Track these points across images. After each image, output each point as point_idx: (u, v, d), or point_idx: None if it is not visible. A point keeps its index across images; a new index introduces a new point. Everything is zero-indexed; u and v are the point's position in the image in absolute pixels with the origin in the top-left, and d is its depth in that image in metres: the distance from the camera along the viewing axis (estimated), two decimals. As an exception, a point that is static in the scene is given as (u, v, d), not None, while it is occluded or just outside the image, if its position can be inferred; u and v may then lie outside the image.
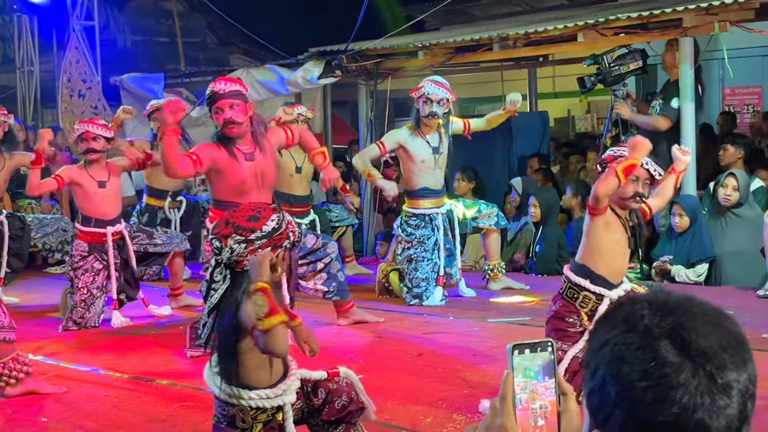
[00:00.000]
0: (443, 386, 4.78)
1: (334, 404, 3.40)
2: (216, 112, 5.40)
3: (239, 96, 5.44)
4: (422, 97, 6.94)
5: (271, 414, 3.26)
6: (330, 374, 3.43)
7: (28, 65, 12.49)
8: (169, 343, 5.96)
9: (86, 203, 6.57)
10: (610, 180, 4.06)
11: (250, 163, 5.43)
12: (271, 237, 3.18)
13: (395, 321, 6.52)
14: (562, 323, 4.29)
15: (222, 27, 17.10)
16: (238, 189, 5.40)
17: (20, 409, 4.58)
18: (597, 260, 4.27)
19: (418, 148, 7.01)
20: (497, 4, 13.85)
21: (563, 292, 4.35)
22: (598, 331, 1.38)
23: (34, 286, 8.28)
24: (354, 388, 3.45)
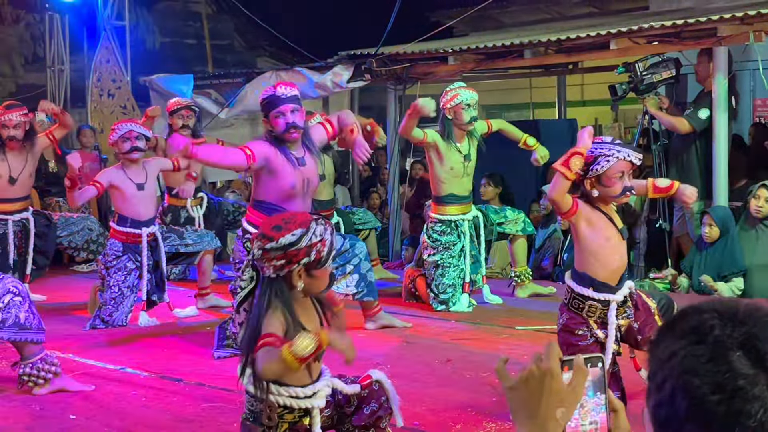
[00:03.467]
0: (472, 393, 4.74)
1: (364, 410, 3.37)
2: (276, 116, 5.29)
3: (299, 101, 5.41)
4: (460, 105, 6.89)
5: (298, 416, 3.23)
6: (363, 385, 3.39)
7: (58, 64, 12.55)
8: (196, 344, 5.96)
9: (123, 204, 6.58)
10: (556, 181, 3.94)
11: (301, 169, 5.38)
12: (286, 251, 3.09)
13: (422, 326, 6.50)
14: (572, 337, 4.19)
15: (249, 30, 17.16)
16: (287, 193, 5.33)
17: (49, 407, 4.58)
18: (593, 264, 4.12)
19: (450, 156, 6.98)
20: (526, 10, 13.83)
21: (568, 302, 4.22)
22: (662, 341, 1.34)
23: (61, 284, 8.32)
24: (384, 393, 3.42)
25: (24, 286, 4.71)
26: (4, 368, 5.24)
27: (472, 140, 7.09)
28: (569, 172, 3.90)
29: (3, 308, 4.50)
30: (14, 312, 4.53)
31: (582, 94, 15.17)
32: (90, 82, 11.52)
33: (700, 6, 9.61)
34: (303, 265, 3.10)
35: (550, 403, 1.50)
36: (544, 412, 1.50)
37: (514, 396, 1.54)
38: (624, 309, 4.21)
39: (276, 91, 5.34)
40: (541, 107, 14.12)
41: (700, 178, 7.82)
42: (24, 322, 4.57)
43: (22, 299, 4.57)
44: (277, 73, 10.53)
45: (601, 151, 3.99)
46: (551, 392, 1.50)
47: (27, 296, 4.64)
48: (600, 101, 14.48)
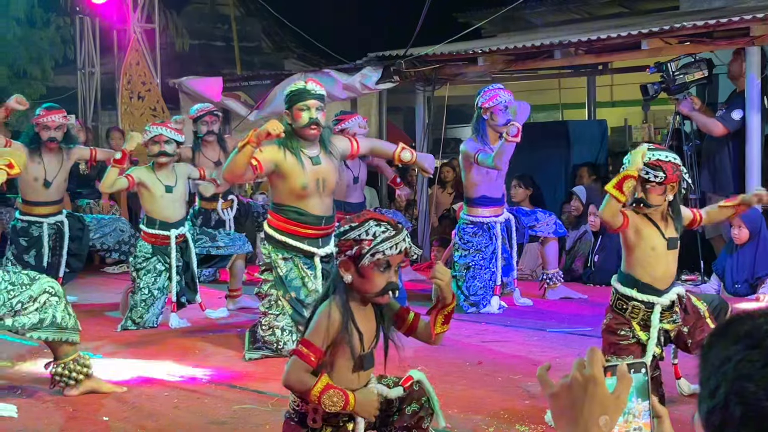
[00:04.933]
0: (504, 396, 4.72)
1: (405, 411, 3.37)
2: (301, 108, 5.31)
3: (324, 101, 5.44)
4: (498, 106, 6.85)
5: (343, 421, 3.23)
6: (405, 387, 3.39)
7: (89, 67, 12.63)
8: (227, 345, 5.98)
9: (152, 206, 6.61)
10: (608, 203, 4.00)
11: (314, 168, 5.38)
12: (339, 239, 3.18)
13: (453, 329, 6.36)
14: (614, 337, 4.20)
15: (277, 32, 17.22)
16: (299, 193, 5.36)
17: (81, 408, 4.60)
18: (638, 269, 4.17)
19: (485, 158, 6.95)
20: (555, 11, 13.77)
21: (612, 303, 4.26)
22: (714, 347, 1.31)
23: (92, 286, 8.37)
24: (424, 393, 3.42)
25: (59, 286, 4.73)
26: (37, 370, 5.27)
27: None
28: (622, 195, 3.97)
29: (40, 308, 4.53)
30: (51, 312, 4.57)
31: (612, 95, 15.08)
32: (120, 84, 11.58)
33: (731, 5, 9.52)
34: (347, 256, 3.13)
35: (593, 410, 1.48)
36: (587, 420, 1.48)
37: (556, 403, 1.52)
38: (670, 314, 4.19)
39: (306, 85, 5.38)
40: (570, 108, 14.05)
41: (733, 180, 7.74)
42: (61, 321, 4.60)
43: (58, 299, 4.60)
44: (306, 74, 10.54)
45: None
46: (594, 399, 1.48)
47: (63, 296, 4.66)
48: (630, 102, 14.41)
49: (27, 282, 4.54)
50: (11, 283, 4.47)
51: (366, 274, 3.14)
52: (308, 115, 5.31)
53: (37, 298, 4.53)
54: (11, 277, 4.51)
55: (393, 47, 9.78)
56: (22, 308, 4.48)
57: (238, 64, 15.09)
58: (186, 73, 11.92)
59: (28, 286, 4.52)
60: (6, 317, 4.45)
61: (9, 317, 4.46)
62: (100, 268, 9.47)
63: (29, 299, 4.50)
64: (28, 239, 7.15)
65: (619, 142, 14.49)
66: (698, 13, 9.26)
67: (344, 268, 3.15)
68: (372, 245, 3.12)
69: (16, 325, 4.49)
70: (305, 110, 5.32)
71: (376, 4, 15.20)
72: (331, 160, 5.52)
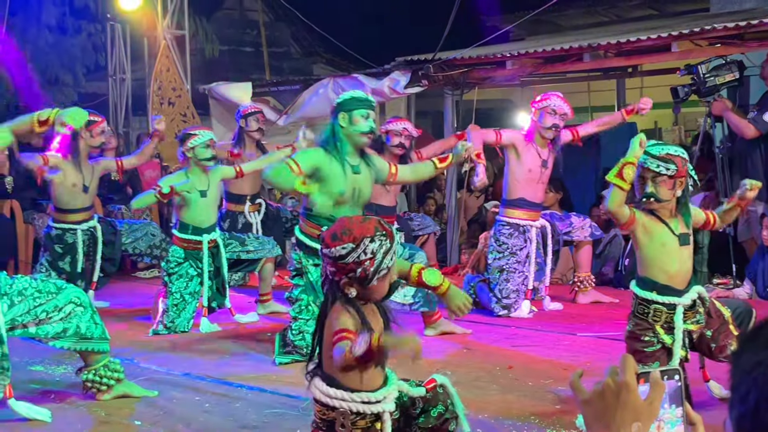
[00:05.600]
0: (535, 401, 4.71)
1: (430, 413, 3.38)
2: (363, 115, 5.37)
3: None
4: (546, 108, 6.87)
5: (370, 422, 3.23)
6: (428, 389, 3.40)
7: (120, 73, 12.74)
8: (257, 350, 6.01)
9: (186, 211, 6.66)
10: (612, 193, 3.99)
11: (353, 176, 5.42)
12: (336, 262, 3.12)
13: (483, 333, 6.46)
14: (638, 343, 4.18)
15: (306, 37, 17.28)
16: (335, 199, 5.38)
17: (114, 412, 4.64)
18: (653, 269, 4.15)
19: (529, 157, 6.97)
20: (584, 14, 13.73)
21: (634, 308, 4.24)
22: (746, 351, 1.31)
23: (123, 290, 8.43)
24: (450, 397, 3.43)
25: (86, 296, 4.76)
26: (70, 375, 5.33)
27: (553, 153, 7.05)
28: (624, 182, 3.96)
29: (64, 318, 4.56)
30: (75, 322, 4.58)
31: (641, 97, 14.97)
32: (151, 90, 11.67)
33: (762, 6, 9.45)
34: (349, 278, 3.12)
35: (625, 417, 1.48)
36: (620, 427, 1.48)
37: (589, 410, 1.52)
38: (693, 314, 4.16)
39: (369, 95, 5.53)
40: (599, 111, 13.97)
41: (765, 182, 7.67)
42: (85, 332, 4.62)
43: (83, 309, 4.62)
44: (335, 79, 10.58)
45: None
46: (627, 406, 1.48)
47: (89, 306, 4.68)
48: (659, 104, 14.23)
49: (54, 291, 4.56)
50: (38, 290, 4.50)
51: (371, 288, 3.15)
52: (368, 124, 5.38)
53: (63, 308, 4.54)
54: (39, 285, 4.54)
55: (421, 51, 9.78)
56: (47, 317, 4.50)
57: (267, 70, 15.16)
58: (216, 79, 12.00)
59: (55, 295, 4.55)
60: (30, 325, 4.47)
61: (33, 325, 4.48)
62: (131, 272, 9.54)
63: (54, 308, 4.52)
64: (63, 246, 7.22)
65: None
66: (729, 14, 9.19)
67: (348, 287, 3.13)
68: (375, 265, 3.11)
69: (39, 333, 4.51)
70: (366, 118, 5.38)
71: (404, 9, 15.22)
72: (369, 172, 5.56)
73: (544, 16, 12.28)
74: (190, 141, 6.63)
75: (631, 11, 13.58)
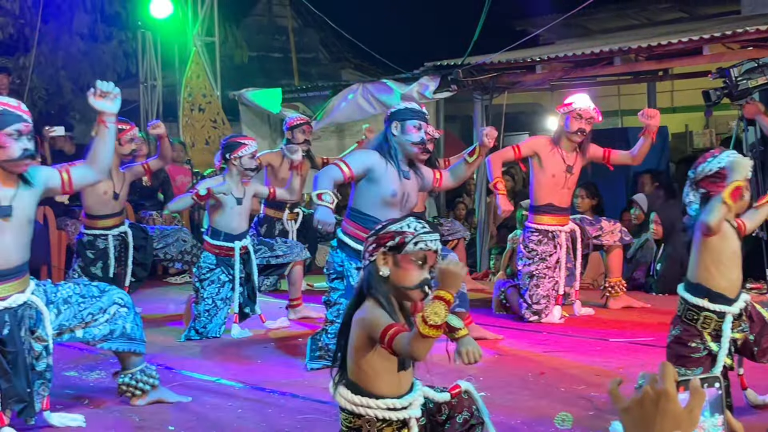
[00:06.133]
0: (567, 407, 4.67)
1: (456, 419, 3.37)
2: (416, 126, 5.45)
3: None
4: (572, 112, 6.85)
5: (397, 428, 3.23)
6: (452, 394, 3.40)
7: (150, 80, 12.84)
8: (289, 355, 6.03)
9: (220, 217, 6.70)
10: (719, 211, 3.96)
11: (403, 181, 5.47)
12: (377, 234, 3.21)
13: (514, 338, 6.44)
14: (684, 349, 4.14)
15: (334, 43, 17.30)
16: (386, 201, 5.38)
17: (148, 417, 4.67)
18: (715, 275, 4.11)
19: (553, 163, 6.94)
20: (614, 17, 13.65)
21: (682, 314, 4.19)
22: None
23: (155, 296, 8.48)
24: (475, 403, 3.42)
25: (129, 297, 4.81)
26: (104, 380, 5.37)
27: (581, 158, 7.02)
28: (733, 202, 3.97)
29: (110, 319, 4.61)
30: (121, 323, 4.64)
31: (672, 101, 14.89)
32: (181, 97, 11.75)
33: (795, 8, 9.37)
34: (387, 248, 3.15)
35: (665, 425, 1.47)
36: None
37: (628, 418, 1.51)
38: (739, 323, 4.14)
39: (423, 108, 5.59)
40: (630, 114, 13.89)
41: (798, 186, 7.59)
42: (130, 332, 4.68)
43: (127, 310, 4.68)
44: (364, 85, 10.60)
45: (712, 167, 4.17)
46: (667, 415, 1.47)
47: (132, 307, 4.74)
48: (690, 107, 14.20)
49: (97, 294, 4.62)
50: (81, 296, 4.56)
51: (405, 266, 3.16)
52: (420, 135, 5.44)
53: (107, 310, 4.61)
54: (81, 290, 4.59)
55: (450, 56, 9.78)
56: (93, 320, 4.57)
57: (295, 76, 15.21)
58: (245, 85, 12.05)
59: (98, 298, 4.61)
60: (77, 329, 4.54)
61: (80, 329, 4.55)
62: (163, 278, 9.60)
63: (99, 311, 4.58)
64: (95, 252, 7.27)
65: (680, 149, 14.32)
66: (760, 17, 9.11)
67: (382, 261, 3.17)
68: (416, 235, 3.16)
69: (86, 336, 4.58)
70: (420, 129, 5.45)
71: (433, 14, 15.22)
72: (417, 179, 5.60)
73: (573, 19, 12.24)
74: (239, 150, 6.67)
75: (661, 14, 13.49)
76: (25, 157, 4.18)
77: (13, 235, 4.21)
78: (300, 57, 16.18)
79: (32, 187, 4.31)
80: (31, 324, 4.31)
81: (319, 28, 16.83)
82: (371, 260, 3.20)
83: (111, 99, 4.40)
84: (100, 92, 4.37)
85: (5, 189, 4.20)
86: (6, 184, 4.21)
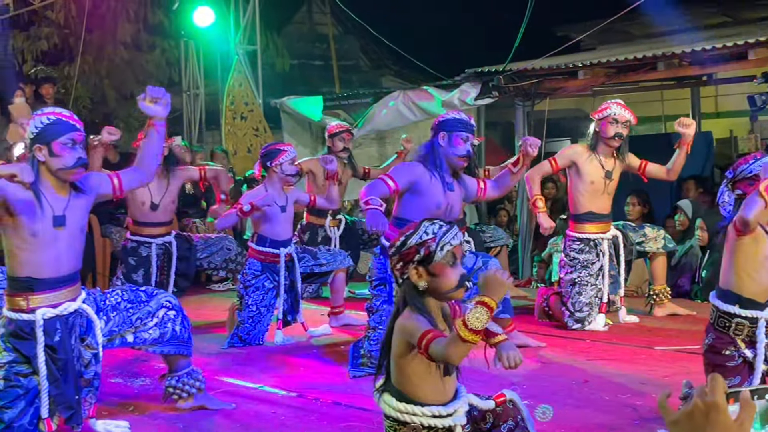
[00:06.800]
0: (612, 416, 4.64)
1: (501, 428, 3.35)
2: (462, 138, 5.48)
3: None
4: (608, 118, 6.80)
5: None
6: (497, 402, 3.39)
7: (193, 88, 12.95)
8: (331, 362, 6.03)
9: (265, 224, 6.73)
10: (759, 207, 3.90)
11: (448, 193, 5.50)
12: (400, 252, 3.20)
13: (557, 346, 6.40)
14: (719, 357, 4.10)
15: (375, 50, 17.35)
16: (431, 212, 5.36)
17: (191, 424, 4.70)
18: (746, 281, 4.05)
19: (591, 169, 6.88)
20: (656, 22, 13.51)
21: (714, 322, 4.15)
22: None
23: (198, 303, 8.53)
24: (519, 413, 3.40)
25: (177, 300, 4.84)
26: (149, 387, 5.42)
27: (620, 163, 6.95)
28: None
29: (159, 323, 4.65)
30: (170, 326, 4.68)
31: (716, 106, 14.72)
32: (224, 105, 11.84)
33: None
34: (416, 262, 3.14)
35: None
36: None
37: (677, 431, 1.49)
38: None
39: (471, 119, 5.61)
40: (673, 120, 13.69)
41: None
42: (180, 335, 4.72)
43: (175, 313, 4.72)
44: (405, 92, 10.61)
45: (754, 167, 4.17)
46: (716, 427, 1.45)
47: (180, 309, 4.77)
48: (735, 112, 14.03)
49: (145, 299, 4.66)
50: (129, 302, 4.60)
51: (439, 272, 3.15)
52: (466, 147, 5.48)
53: (156, 313, 4.65)
54: (129, 296, 4.64)
55: (491, 62, 9.76)
56: (142, 324, 4.61)
57: (336, 83, 15.28)
58: (287, 93, 12.12)
59: (146, 302, 4.65)
60: (127, 333, 4.58)
61: (130, 334, 4.59)
62: (205, 285, 9.66)
63: (148, 315, 4.62)
64: (137, 259, 7.32)
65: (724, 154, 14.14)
66: (808, 20, 9.01)
67: (416, 276, 3.16)
68: (438, 240, 3.15)
69: (137, 340, 4.62)
70: (466, 141, 5.48)
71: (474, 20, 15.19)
72: (461, 190, 5.62)
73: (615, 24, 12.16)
74: (279, 158, 6.70)
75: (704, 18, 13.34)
76: (79, 165, 4.24)
77: (66, 244, 4.26)
78: (341, 64, 16.25)
79: (84, 194, 4.37)
80: (81, 332, 4.36)
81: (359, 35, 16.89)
82: (404, 278, 3.20)
83: (161, 104, 4.45)
84: (151, 97, 4.42)
85: (59, 198, 4.25)
86: (59, 193, 4.27)
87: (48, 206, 4.19)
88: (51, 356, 4.21)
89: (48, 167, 4.21)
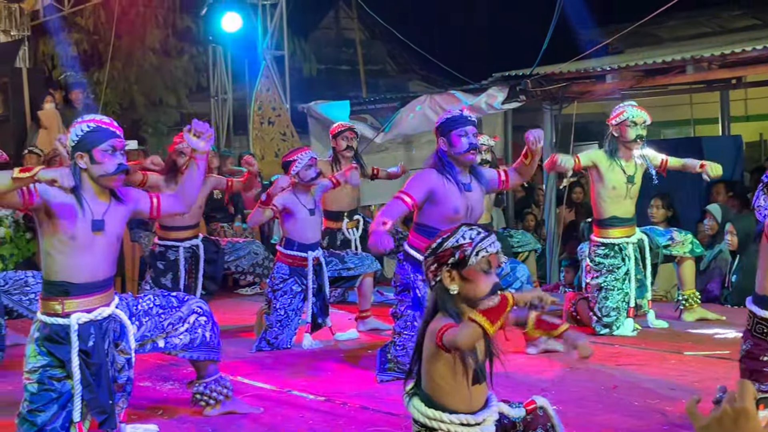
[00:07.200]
0: (641, 421, 4.62)
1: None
2: (460, 134, 5.41)
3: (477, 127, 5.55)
4: (625, 122, 6.75)
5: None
6: (528, 410, 3.37)
7: (221, 94, 13.03)
8: (358, 367, 6.04)
9: (293, 228, 6.76)
10: None
11: (466, 194, 5.46)
12: (435, 254, 3.17)
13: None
14: (757, 363, 4.04)
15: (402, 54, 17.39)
16: (450, 218, 5.36)
17: (220, 428, 4.71)
18: None
19: (613, 174, 6.83)
20: (685, 25, 13.46)
21: (751, 328, 4.08)
22: None
23: (226, 308, 8.56)
24: (550, 420, 3.38)
25: (208, 306, 4.87)
26: (177, 391, 5.45)
27: (641, 165, 6.90)
28: None
29: (189, 328, 4.68)
30: (201, 332, 4.70)
31: (746, 109, 14.62)
32: (251, 110, 11.89)
33: None
34: (450, 265, 3.13)
35: None
36: None
37: None
38: None
39: (462, 112, 5.52)
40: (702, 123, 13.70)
41: None
42: (210, 341, 4.75)
43: (206, 319, 4.74)
44: (432, 96, 10.61)
45: None
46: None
47: (210, 316, 4.79)
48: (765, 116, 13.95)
49: (176, 304, 4.69)
50: (161, 307, 4.63)
51: (473, 278, 3.13)
52: (468, 141, 5.40)
53: (187, 319, 4.68)
54: (161, 301, 4.67)
55: (518, 66, 9.74)
56: (173, 329, 4.64)
57: (363, 88, 15.31)
58: (314, 98, 12.16)
59: (178, 308, 4.68)
60: (158, 339, 4.61)
61: (161, 339, 4.62)
62: (233, 289, 9.70)
63: (179, 320, 4.65)
64: (165, 263, 7.36)
65: (754, 158, 14.03)
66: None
67: (449, 279, 3.14)
68: (474, 245, 3.13)
69: (167, 346, 4.65)
70: (465, 136, 5.41)
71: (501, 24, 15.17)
72: (480, 189, 5.58)
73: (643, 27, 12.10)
74: (292, 168, 6.73)
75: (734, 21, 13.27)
76: (120, 171, 4.27)
77: (103, 249, 4.29)
78: (368, 69, 16.29)
79: (124, 204, 4.40)
80: (114, 337, 4.39)
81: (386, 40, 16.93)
82: (437, 281, 3.19)
83: (204, 137, 4.47)
84: (196, 130, 4.44)
85: (99, 203, 4.29)
86: (100, 199, 4.30)
87: (88, 210, 4.22)
88: (85, 361, 4.23)
89: (90, 174, 4.26)
